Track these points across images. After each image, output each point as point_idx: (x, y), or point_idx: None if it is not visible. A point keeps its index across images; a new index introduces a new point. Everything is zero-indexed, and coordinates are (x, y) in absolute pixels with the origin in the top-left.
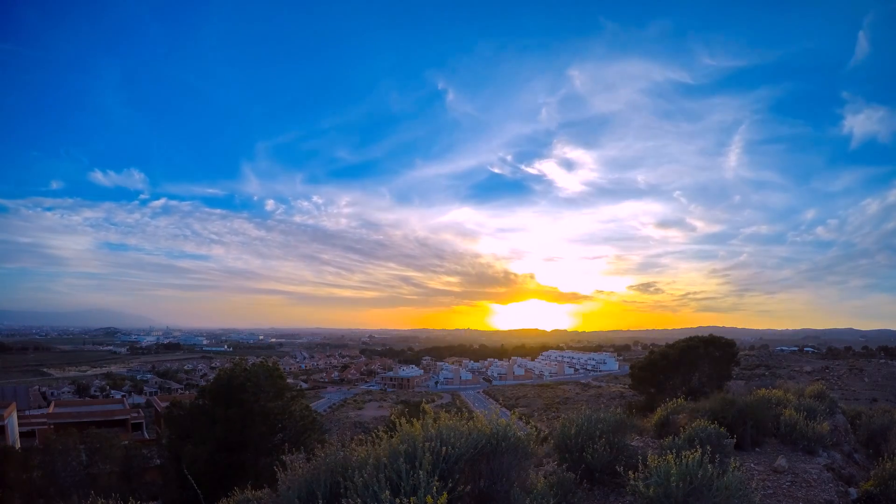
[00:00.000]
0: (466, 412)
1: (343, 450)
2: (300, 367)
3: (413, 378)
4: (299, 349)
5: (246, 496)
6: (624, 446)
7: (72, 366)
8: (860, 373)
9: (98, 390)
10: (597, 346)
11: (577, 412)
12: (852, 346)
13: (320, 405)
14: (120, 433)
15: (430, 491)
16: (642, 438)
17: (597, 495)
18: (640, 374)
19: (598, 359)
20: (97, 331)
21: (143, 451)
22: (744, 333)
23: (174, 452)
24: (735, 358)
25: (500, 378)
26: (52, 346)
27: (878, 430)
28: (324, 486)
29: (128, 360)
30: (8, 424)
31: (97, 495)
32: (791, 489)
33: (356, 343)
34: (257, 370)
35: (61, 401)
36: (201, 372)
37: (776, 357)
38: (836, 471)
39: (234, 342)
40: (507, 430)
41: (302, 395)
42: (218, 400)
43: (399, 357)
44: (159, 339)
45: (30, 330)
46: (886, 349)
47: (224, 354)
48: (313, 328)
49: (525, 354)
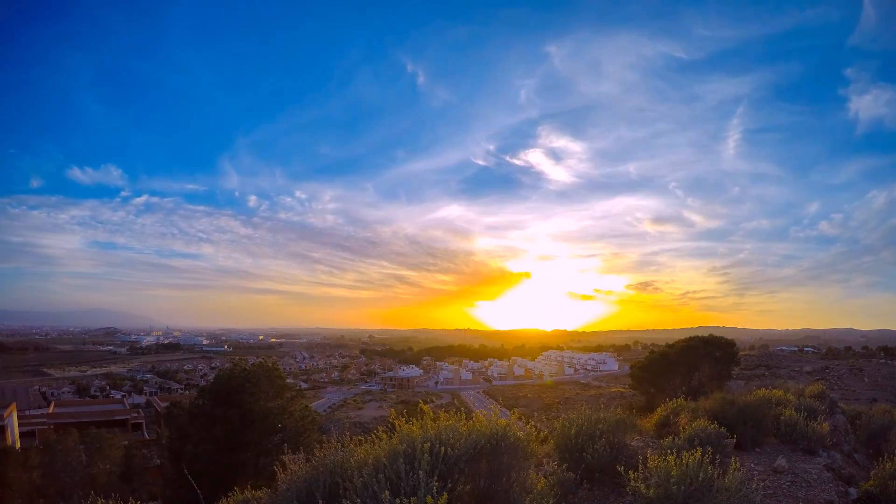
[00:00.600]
0: (466, 412)
1: (342, 450)
2: (300, 367)
3: (413, 378)
4: (299, 349)
5: (245, 496)
6: (624, 446)
7: (72, 366)
8: (860, 373)
9: (98, 390)
10: (597, 346)
11: (577, 412)
12: (852, 346)
13: (320, 405)
14: (120, 433)
15: (429, 491)
16: (642, 438)
17: (597, 495)
18: (640, 374)
19: (598, 359)
20: (97, 331)
21: (143, 451)
22: (744, 333)
23: (174, 452)
24: (735, 358)
25: (500, 378)
26: (52, 346)
27: (878, 430)
28: (323, 486)
29: (128, 360)
30: (8, 424)
31: (97, 495)
32: (791, 489)
33: (356, 343)
34: (257, 370)
35: (61, 401)
36: (201, 372)
37: (776, 357)
38: (836, 471)
39: (234, 342)
40: (507, 430)
41: (301, 395)
42: (218, 400)
43: (399, 357)
44: (159, 339)
45: (29, 330)
46: (886, 349)
47: (224, 354)
48: (313, 328)
49: (525, 354)
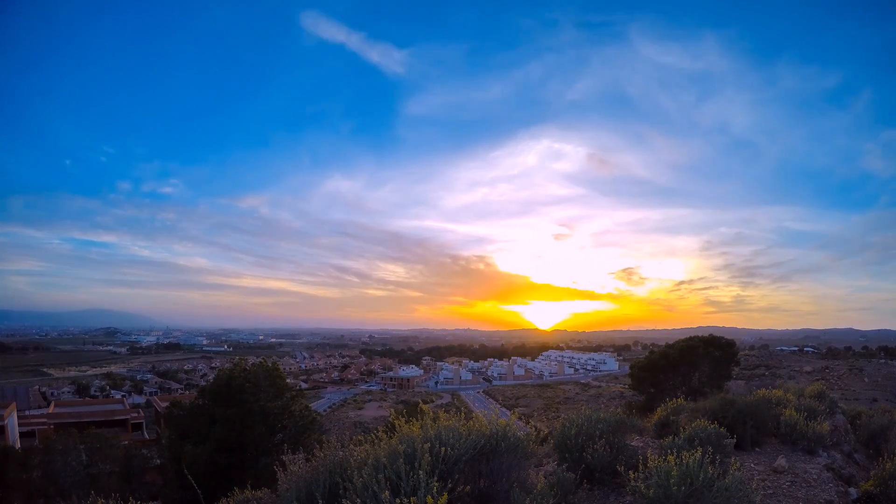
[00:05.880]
0: (466, 412)
1: (342, 450)
2: (300, 367)
3: (413, 378)
4: (299, 349)
5: (246, 496)
6: (624, 446)
7: (72, 366)
8: (860, 373)
9: (98, 390)
10: (597, 346)
11: (577, 412)
12: (852, 346)
13: (320, 405)
14: (120, 433)
15: (429, 491)
16: (642, 438)
17: (597, 495)
18: (640, 374)
19: (598, 359)
20: (97, 331)
21: (143, 451)
22: (744, 333)
23: (174, 452)
24: (735, 358)
25: (500, 378)
26: (52, 346)
27: (878, 430)
28: (323, 486)
29: (128, 360)
30: (8, 424)
31: (97, 495)
32: (791, 489)
33: (356, 343)
34: (257, 370)
35: (61, 401)
36: (201, 372)
37: (776, 357)
38: (836, 471)
39: (234, 342)
40: (507, 430)
41: (302, 395)
42: (218, 400)
43: (399, 357)
44: (159, 339)
45: (30, 330)
46: (886, 349)
47: (224, 354)
48: (313, 328)
49: (525, 354)
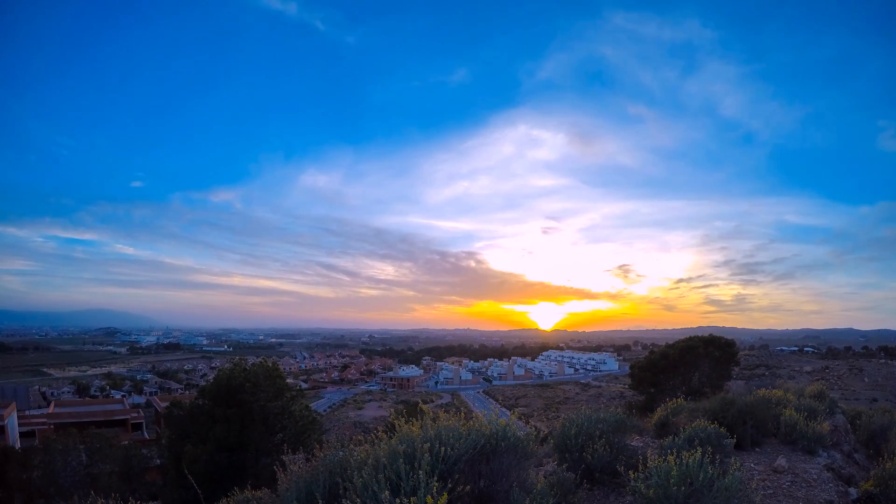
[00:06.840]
0: (466, 412)
1: (342, 450)
2: (300, 367)
3: (413, 378)
4: (299, 349)
5: (245, 496)
6: (624, 446)
7: (72, 366)
8: (860, 373)
9: (98, 390)
10: (597, 346)
11: (577, 412)
12: (852, 346)
13: (320, 405)
14: (120, 433)
15: (429, 491)
16: (642, 438)
17: (597, 495)
18: (640, 374)
19: (597, 359)
20: (97, 331)
21: (143, 451)
22: (744, 333)
23: (174, 452)
24: (735, 358)
25: (500, 378)
26: (52, 346)
27: (878, 430)
28: (323, 486)
29: (128, 360)
30: (8, 424)
31: (97, 495)
32: (791, 489)
33: (356, 343)
34: (257, 370)
35: (61, 401)
36: (201, 372)
37: (776, 357)
38: (836, 471)
39: (234, 342)
40: (507, 430)
41: (302, 395)
42: (217, 400)
43: (399, 357)
44: (159, 339)
45: (29, 330)
46: (886, 349)
47: (224, 354)
48: (313, 328)
49: (525, 354)
